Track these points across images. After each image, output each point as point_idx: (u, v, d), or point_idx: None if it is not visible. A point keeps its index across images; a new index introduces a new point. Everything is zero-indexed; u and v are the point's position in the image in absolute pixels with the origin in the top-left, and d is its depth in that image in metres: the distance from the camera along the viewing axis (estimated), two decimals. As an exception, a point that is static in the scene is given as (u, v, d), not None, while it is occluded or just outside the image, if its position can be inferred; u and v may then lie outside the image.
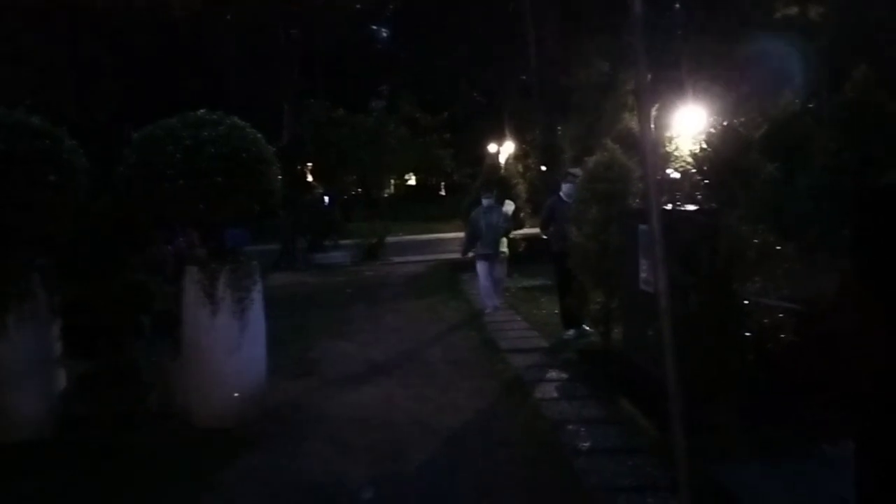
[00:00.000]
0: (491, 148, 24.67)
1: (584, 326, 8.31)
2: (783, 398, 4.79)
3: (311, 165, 21.59)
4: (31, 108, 5.67)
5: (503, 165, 20.27)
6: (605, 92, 22.61)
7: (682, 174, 5.70)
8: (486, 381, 6.94)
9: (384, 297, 12.87)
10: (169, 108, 5.98)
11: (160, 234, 6.56)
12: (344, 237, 21.33)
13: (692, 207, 5.29)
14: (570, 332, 8.46)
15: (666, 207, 5.12)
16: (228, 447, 5.26)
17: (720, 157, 5.22)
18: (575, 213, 7.87)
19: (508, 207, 10.75)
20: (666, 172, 6.44)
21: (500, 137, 26.68)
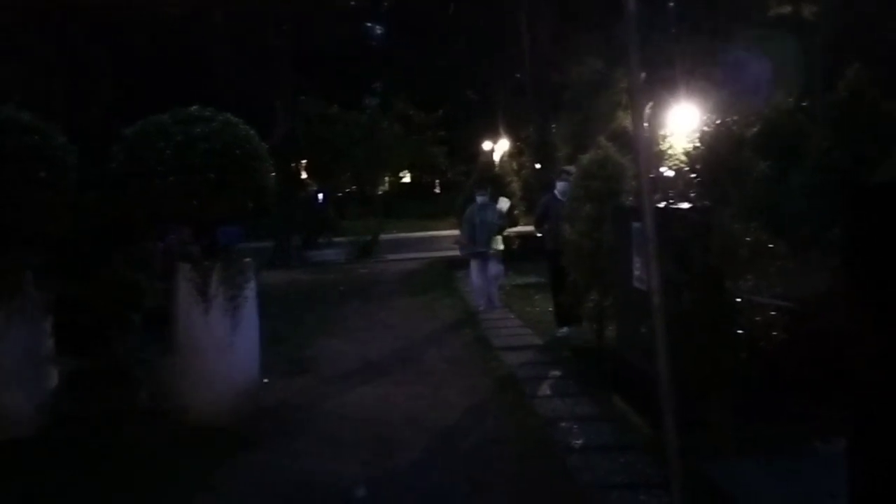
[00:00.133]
0: (485, 145, 24.69)
1: (576, 324, 8.32)
2: (775, 396, 4.80)
3: (304, 163, 21.53)
4: (21, 104, 5.63)
5: (497, 163, 20.28)
6: (598, 90, 22.61)
7: (675, 172, 5.72)
8: (479, 378, 6.94)
9: (378, 294, 12.87)
10: (161, 104, 5.94)
11: (152, 231, 6.52)
12: (338, 235, 21.30)
13: (685, 205, 5.30)
14: (563, 329, 8.47)
15: (659, 205, 5.12)
16: (222, 445, 5.24)
17: (713, 155, 5.23)
18: (569, 210, 7.88)
19: (503, 205, 10.73)
20: (659, 171, 6.46)
21: (494, 135, 26.68)
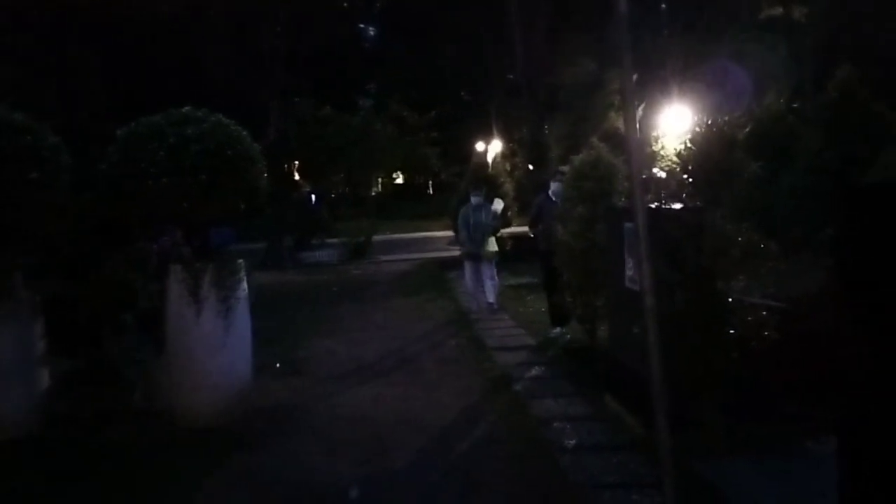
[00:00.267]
0: (478, 146, 24.70)
1: (570, 325, 8.34)
2: (767, 395, 4.83)
3: (297, 164, 21.50)
4: (14, 104, 5.61)
5: (491, 164, 20.30)
6: (591, 91, 22.68)
7: (667, 173, 5.73)
8: (473, 378, 6.95)
9: (371, 295, 12.85)
10: (154, 105, 5.93)
11: (144, 232, 6.50)
12: (331, 236, 21.27)
13: (677, 206, 5.31)
14: (556, 329, 8.49)
15: (651, 206, 5.14)
16: (216, 446, 5.24)
17: (705, 155, 5.24)
18: (561, 211, 7.90)
19: (498, 206, 10.74)
20: (652, 171, 6.47)
21: (487, 136, 26.71)
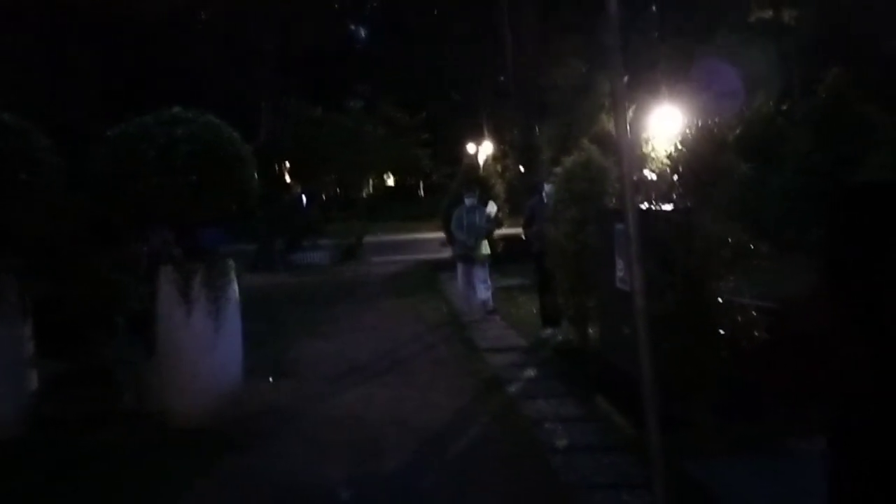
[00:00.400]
0: (469, 148, 24.68)
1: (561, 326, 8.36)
2: (757, 395, 4.85)
3: (288, 165, 21.45)
4: (6, 105, 5.58)
5: (481, 166, 20.29)
6: (582, 93, 22.74)
7: (658, 174, 5.75)
8: (464, 380, 6.95)
9: (363, 297, 12.84)
10: (144, 106, 5.91)
11: (134, 233, 6.47)
12: (322, 237, 21.22)
13: (668, 207, 5.34)
14: (547, 330, 8.50)
15: (642, 207, 5.16)
16: (207, 447, 5.21)
17: (695, 157, 5.27)
18: (553, 212, 7.91)
19: (492, 209, 10.74)
20: (642, 173, 6.48)
21: (478, 137, 26.70)
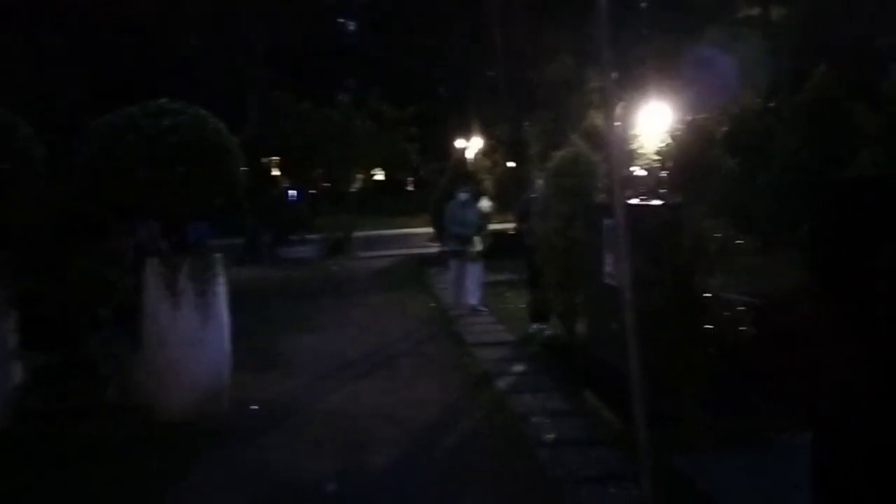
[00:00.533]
0: (458, 143, 24.64)
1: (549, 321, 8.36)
2: (743, 391, 4.88)
3: (276, 159, 21.33)
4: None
5: (470, 160, 20.27)
6: (571, 88, 22.73)
7: (647, 170, 5.77)
8: (452, 374, 6.96)
9: (351, 291, 12.80)
10: (131, 97, 5.86)
11: (121, 225, 6.42)
12: (311, 232, 21.12)
13: (656, 202, 5.35)
14: (535, 325, 8.51)
15: (631, 202, 5.17)
16: (193, 440, 5.19)
17: (684, 153, 5.29)
18: (542, 207, 7.91)
19: (485, 204, 10.72)
20: (631, 169, 6.50)
21: (467, 132, 26.64)
